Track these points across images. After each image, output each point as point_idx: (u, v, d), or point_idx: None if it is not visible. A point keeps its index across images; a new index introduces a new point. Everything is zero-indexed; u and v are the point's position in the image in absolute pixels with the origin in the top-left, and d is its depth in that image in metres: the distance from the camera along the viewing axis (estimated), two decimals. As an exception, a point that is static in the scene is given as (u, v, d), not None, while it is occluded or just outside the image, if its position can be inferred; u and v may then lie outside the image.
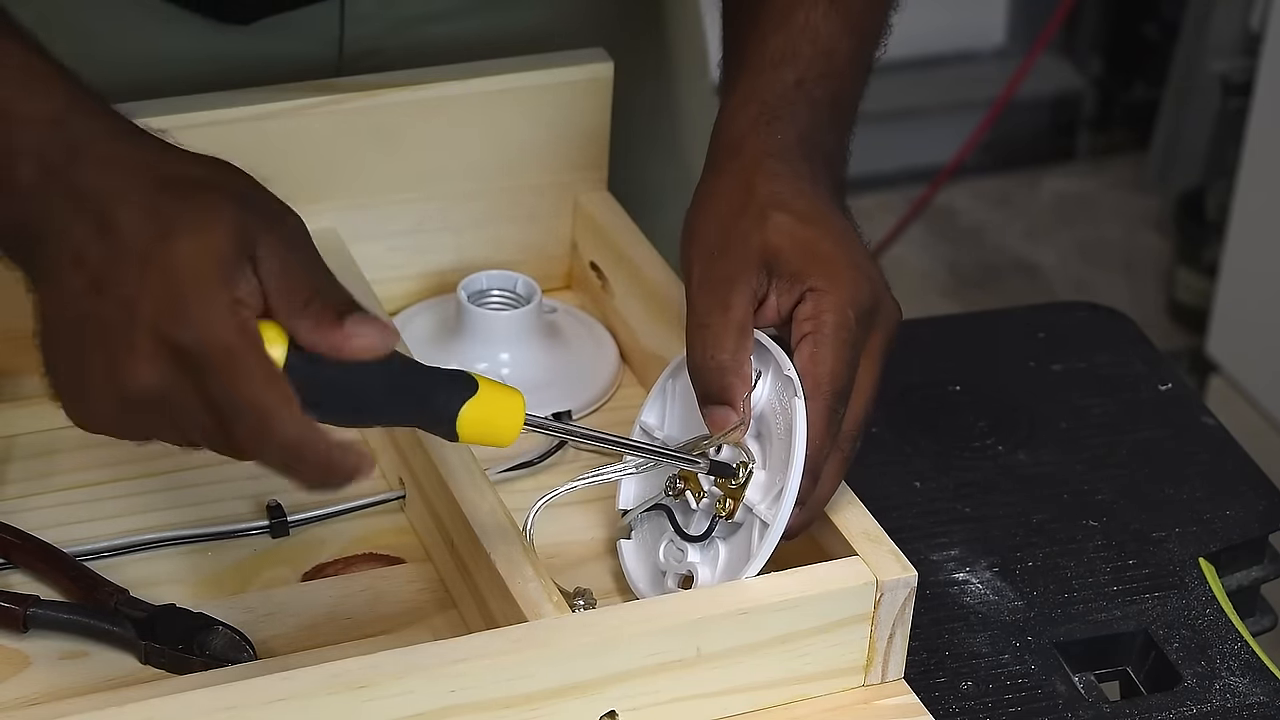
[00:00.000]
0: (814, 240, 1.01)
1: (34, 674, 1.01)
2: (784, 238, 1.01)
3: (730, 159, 1.05)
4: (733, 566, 1.02)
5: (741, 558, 1.01)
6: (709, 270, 1.01)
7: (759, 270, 1.01)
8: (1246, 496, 1.20)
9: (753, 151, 1.04)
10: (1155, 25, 3.19)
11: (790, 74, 1.06)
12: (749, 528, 1.01)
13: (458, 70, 1.23)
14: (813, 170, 1.04)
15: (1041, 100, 3.25)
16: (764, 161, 1.03)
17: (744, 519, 1.02)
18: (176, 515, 1.10)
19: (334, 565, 1.09)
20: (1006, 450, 1.23)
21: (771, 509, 0.99)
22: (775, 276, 1.01)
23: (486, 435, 0.94)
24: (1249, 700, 1.05)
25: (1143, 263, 3.08)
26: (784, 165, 1.03)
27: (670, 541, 1.04)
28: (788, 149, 1.04)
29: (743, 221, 1.01)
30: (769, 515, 0.99)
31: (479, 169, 1.25)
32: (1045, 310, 1.47)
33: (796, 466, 0.98)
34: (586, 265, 1.28)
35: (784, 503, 0.98)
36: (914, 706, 1.01)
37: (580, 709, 0.96)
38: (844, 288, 1.00)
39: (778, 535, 0.99)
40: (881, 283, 1.02)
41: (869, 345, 1.01)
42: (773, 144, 1.04)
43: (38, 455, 1.14)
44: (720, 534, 1.02)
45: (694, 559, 1.03)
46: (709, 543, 1.03)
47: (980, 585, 1.12)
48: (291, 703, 0.90)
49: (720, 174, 1.05)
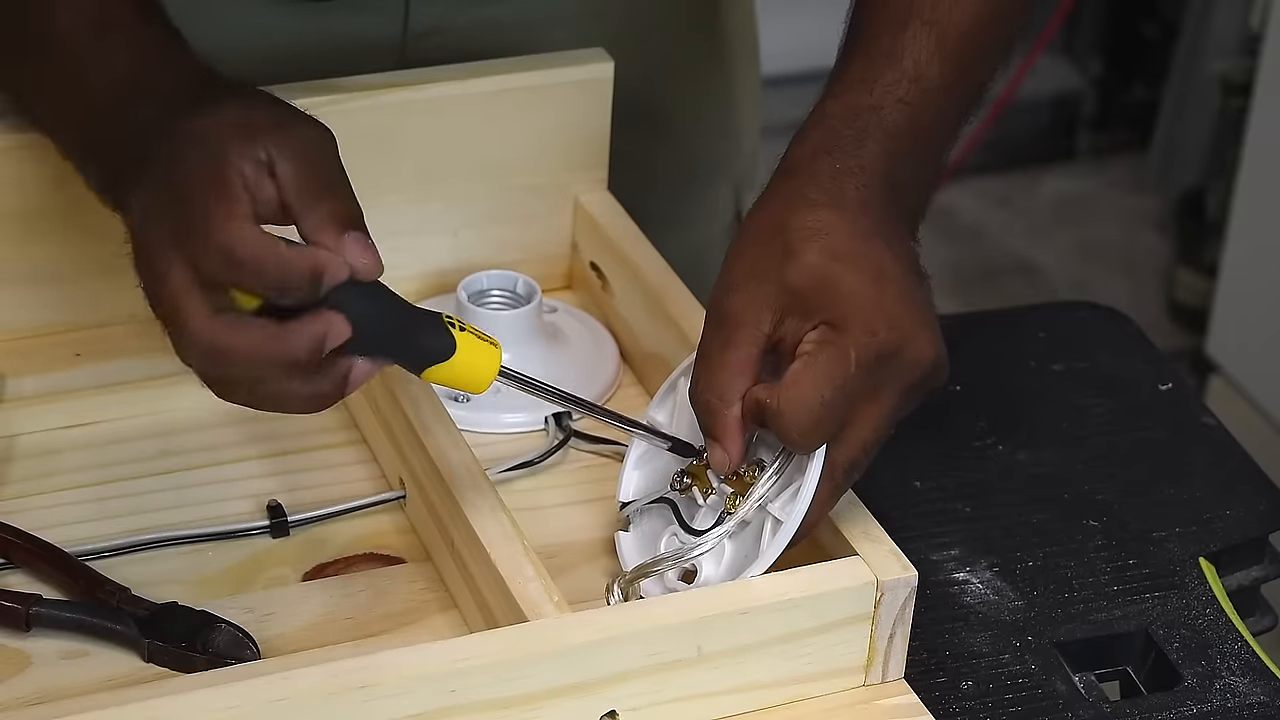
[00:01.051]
0: (836, 277, 0.97)
1: (35, 674, 1.01)
2: (805, 276, 0.97)
3: (780, 183, 1.02)
4: (738, 564, 1.02)
5: (749, 555, 1.01)
6: (722, 301, 0.99)
7: (774, 311, 0.98)
8: (1246, 496, 1.20)
9: (802, 177, 1.01)
10: (1155, 25, 3.19)
11: (865, 98, 1.03)
12: (758, 526, 1.01)
13: (458, 70, 1.23)
14: (865, 199, 1.00)
15: (1041, 100, 3.25)
16: (808, 191, 1.00)
17: (754, 517, 1.02)
18: (176, 515, 1.10)
19: (334, 565, 1.09)
20: (1006, 450, 1.23)
21: (786, 508, 0.99)
22: (791, 316, 0.98)
23: (460, 380, 0.98)
24: (1249, 700, 1.05)
25: (1143, 263, 3.08)
26: (828, 195, 1.00)
27: (674, 535, 1.04)
28: (840, 176, 1.00)
29: (766, 257, 0.99)
30: (783, 513, 0.99)
31: (478, 169, 1.25)
32: (1045, 310, 1.47)
33: (815, 467, 0.98)
34: (586, 265, 1.28)
35: (799, 501, 0.98)
36: (914, 706, 1.01)
37: (580, 709, 0.96)
38: (853, 328, 0.96)
39: (791, 533, 0.98)
40: (912, 329, 0.98)
41: (878, 391, 0.97)
42: (824, 171, 1.01)
43: (38, 455, 1.14)
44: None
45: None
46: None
47: (980, 585, 1.12)
48: (292, 702, 0.90)
49: (765, 200, 1.02)
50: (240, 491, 1.12)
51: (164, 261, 0.92)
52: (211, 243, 0.91)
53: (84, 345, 1.20)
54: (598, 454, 1.17)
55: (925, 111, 1.04)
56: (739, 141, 1.44)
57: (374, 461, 1.16)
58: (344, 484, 1.14)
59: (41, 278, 1.20)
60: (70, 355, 1.19)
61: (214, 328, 0.91)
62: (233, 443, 1.16)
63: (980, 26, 1.06)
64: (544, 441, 1.17)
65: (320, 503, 1.11)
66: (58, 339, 1.20)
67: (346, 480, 1.14)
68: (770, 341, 0.98)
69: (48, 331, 1.21)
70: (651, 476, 1.08)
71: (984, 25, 1.07)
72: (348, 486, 1.14)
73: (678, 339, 1.15)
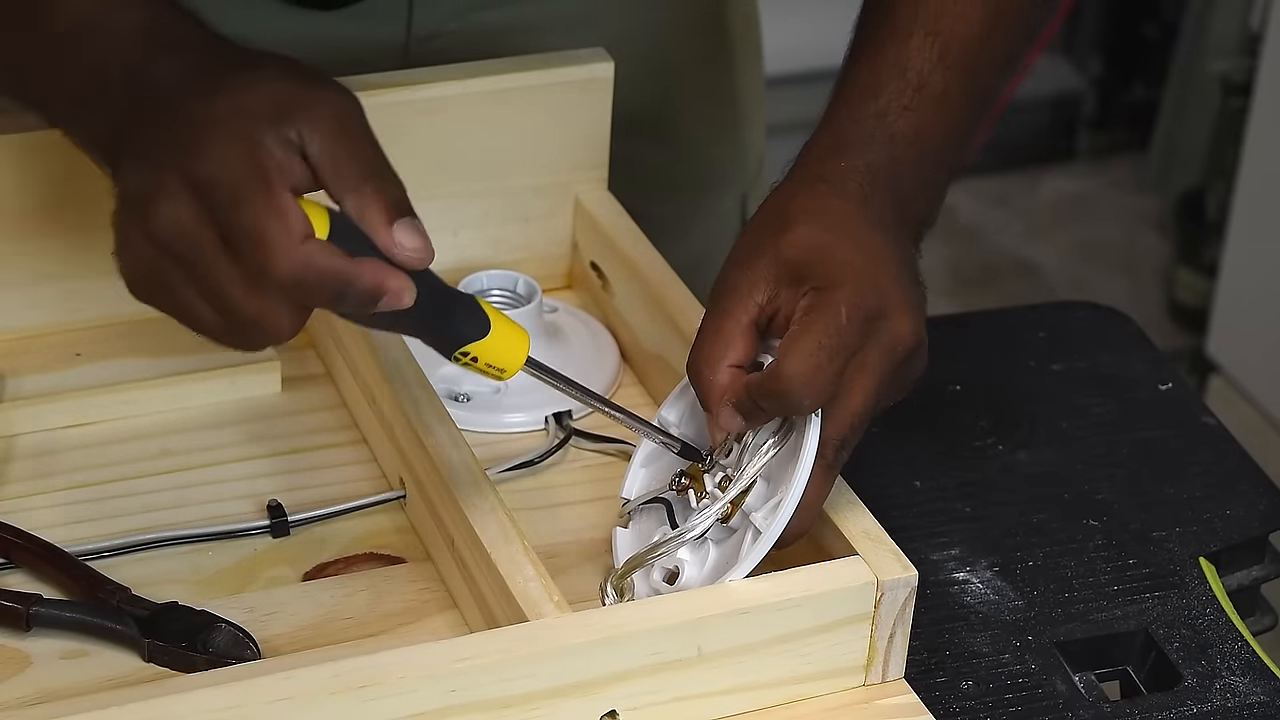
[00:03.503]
0: (830, 246, 0.99)
1: (35, 674, 1.01)
2: (798, 247, 0.99)
3: (788, 178, 1.04)
4: (720, 568, 1.02)
5: (730, 561, 1.01)
6: (724, 278, 1.01)
7: (770, 283, 0.99)
8: (1246, 496, 1.20)
9: (809, 171, 1.03)
10: (1155, 25, 3.19)
11: (871, 106, 1.04)
12: (742, 533, 1.01)
13: (458, 70, 1.23)
14: (868, 197, 1.02)
15: (1041, 100, 3.25)
16: (814, 184, 1.02)
17: (739, 524, 1.02)
18: (176, 515, 1.10)
19: (335, 565, 1.09)
20: (1006, 450, 1.23)
21: (768, 518, 1.00)
22: (784, 287, 0.99)
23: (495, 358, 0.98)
24: (1249, 700, 1.05)
25: (1143, 263, 3.08)
26: (832, 186, 1.02)
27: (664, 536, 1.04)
28: (845, 175, 1.02)
29: (768, 233, 1.01)
30: (764, 524, 0.99)
31: (479, 169, 1.25)
32: (1045, 310, 1.47)
33: (799, 481, 0.98)
34: (587, 265, 1.28)
35: (780, 514, 0.99)
36: (914, 706, 1.02)
37: (580, 709, 0.96)
38: (843, 288, 0.98)
39: (768, 545, 0.99)
40: (898, 304, 0.99)
41: (865, 355, 0.98)
42: (831, 170, 1.02)
43: (38, 455, 1.14)
44: (714, 535, 1.03)
45: (684, 555, 1.03)
46: (701, 542, 1.03)
47: (980, 585, 1.12)
48: (292, 702, 0.90)
49: (771, 193, 1.04)
50: (240, 491, 1.12)
51: None
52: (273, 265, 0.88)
53: (84, 345, 1.20)
54: (598, 453, 1.17)
55: (930, 120, 1.05)
56: (745, 151, 1.45)
57: (374, 461, 1.16)
58: (344, 484, 1.14)
59: (41, 278, 1.20)
60: (70, 355, 1.19)
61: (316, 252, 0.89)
62: (233, 443, 1.16)
63: (984, 36, 1.07)
64: (544, 441, 1.17)
65: (320, 503, 1.11)
66: (58, 339, 1.20)
67: (346, 480, 1.14)
68: (764, 312, 1.00)
69: (48, 331, 1.21)
70: (656, 475, 1.08)
71: (988, 35, 1.08)
72: (348, 486, 1.14)
73: (678, 339, 1.15)
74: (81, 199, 1.14)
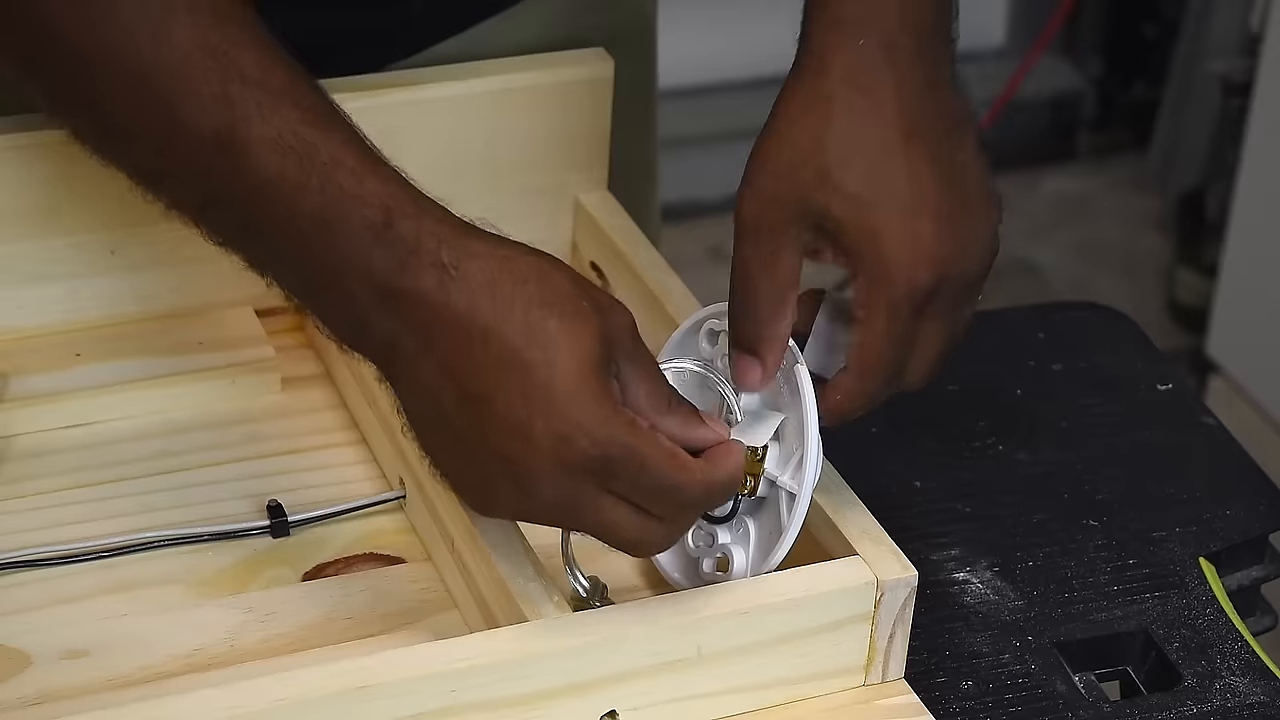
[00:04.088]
0: (870, 210, 0.97)
1: (35, 674, 1.01)
2: (842, 208, 0.97)
3: (814, 77, 0.99)
4: (765, 542, 1.01)
5: (772, 532, 1.00)
6: (762, 214, 0.98)
7: (811, 228, 0.98)
8: (1247, 496, 1.20)
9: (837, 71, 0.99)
10: (1155, 25, 3.19)
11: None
12: (775, 501, 1.01)
13: (458, 70, 1.23)
14: (899, 80, 0.98)
15: (1041, 100, 3.25)
16: (841, 91, 0.98)
17: (768, 494, 1.01)
18: (176, 515, 1.10)
19: (334, 565, 1.09)
20: (1006, 450, 1.23)
21: (795, 478, 0.99)
22: (827, 238, 0.98)
23: None
24: (1249, 700, 1.05)
25: (1143, 263, 3.08)
26: (864, 94, 0.98)
27: (698, 527, 1.03)
28: (872, 55, 0.98)
29: (805, 172, 0.98)
30: (793, 485, 0.99)
31: (479, 169, 1.25)
32: (1045, 310, 1.47)
33: (812, 433, 0.98)
34: (587, 265, 1.28)
35: (806, 470, 0.98)
36: (914, 706, 1.02)
37: (580, 709, 0.96)
38: (895, 277, 0.97)
39: (806, 503, 0.98)
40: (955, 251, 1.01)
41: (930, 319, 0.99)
42: (855, 56, 0.99)
43: (37, 455, 1.14)
44: (746, 511, 1.02)
45: (725, 540, 1.02)
46: (737, 522, 1.02)
47: (980, 585, 1.12)
48: (292, 702, 0.90)
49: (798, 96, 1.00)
50: (240, 491, 1.12)
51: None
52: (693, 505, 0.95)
53: (84, 345, 1.20)
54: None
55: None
56: None
57: (374, 461, 1.16)
58: (344, 484, 1.14)
59: (41, 278, 1.19)
60: (70, 355, 1.19)
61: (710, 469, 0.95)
62: (233, 443, 1.16)
63: None
64: (544, 441, 1.16)
65: (320, 503, 1.11)
66: (58, 339, 1.20)
67: (346, 480, 1.14)
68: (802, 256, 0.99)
69: (48, 331, 1.21)
70: None
71: None
72: (348, 486, 1.14)
73: (678, 339, 1.15)
74: (81, 199, 1.14)
